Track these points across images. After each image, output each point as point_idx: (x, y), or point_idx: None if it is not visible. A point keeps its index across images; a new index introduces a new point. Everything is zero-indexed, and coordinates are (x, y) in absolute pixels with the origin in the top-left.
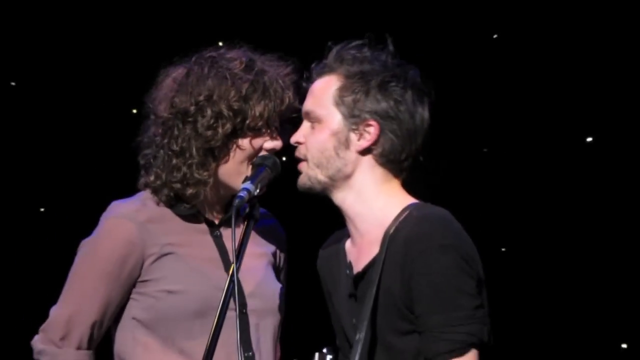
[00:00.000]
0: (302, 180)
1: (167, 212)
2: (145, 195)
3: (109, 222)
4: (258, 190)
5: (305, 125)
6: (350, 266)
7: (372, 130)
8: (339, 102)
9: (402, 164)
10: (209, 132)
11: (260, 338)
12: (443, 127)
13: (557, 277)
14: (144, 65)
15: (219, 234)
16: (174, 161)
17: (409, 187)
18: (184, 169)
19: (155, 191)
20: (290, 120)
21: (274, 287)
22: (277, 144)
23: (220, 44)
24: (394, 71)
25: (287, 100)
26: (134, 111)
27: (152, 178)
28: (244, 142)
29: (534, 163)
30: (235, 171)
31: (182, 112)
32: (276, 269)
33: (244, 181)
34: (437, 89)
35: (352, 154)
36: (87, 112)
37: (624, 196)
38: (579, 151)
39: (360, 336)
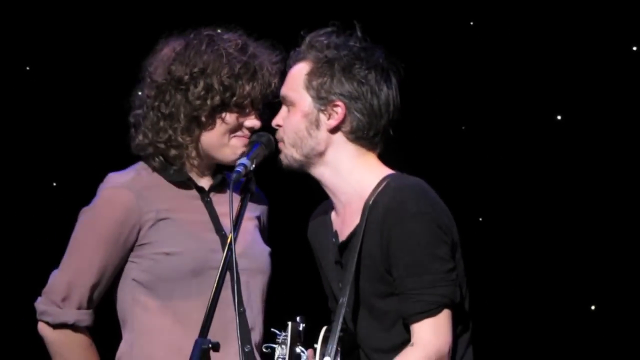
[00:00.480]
0: (282, 158)
1: (161, 180)
2: (139, 166)
3: (107, 191)
4: (253, 165)
5: (283, 109)
6: (335, 235)
7: (339, 110)
8: (308, 85)
9: (373, 139)
10: (198, 102)
11: (250, 295)
12: (424, 107)
13: (530, 244)
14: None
15: (209, 199)
16: (161, 123)
17: (385, 158)
18: (170, 131)
19: (146, 155)
20: (270, 104)
21: (262, 248)
22: (256, 123)
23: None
24: (359, 54)
25: (272, 85)
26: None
27: (140, 137)
28: (228, 117)
29: (508, 139)
30: (217, 142)
31: (177, 80)
32: (262, 232)
33: (240, 156)
34: (421, 72)
35: (323, 133)
36: (95, 92)
37: (591, 167)
38: (549, 128)
39: (344, 300)
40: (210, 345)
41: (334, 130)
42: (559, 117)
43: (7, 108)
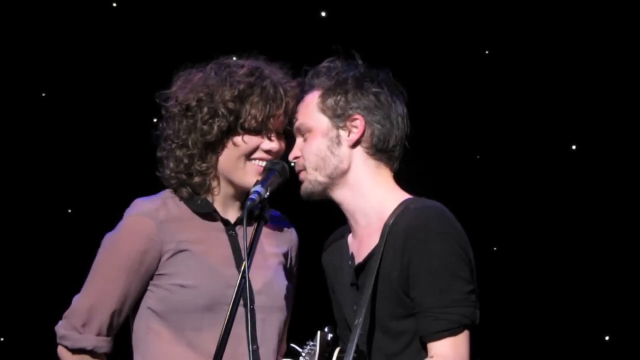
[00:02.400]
0: (304, 187)
1: (186, 211)
2: (166, 194)
3: (130, 218)
4: (268, 193)
5: (299, 141)
6: (352, 257)
7: (358, 124)
8: (323, 107)
9: (392, 152)
10: (205, 127)
11: (266, 333)
12: (440, 136)
13: (544, 274)
14: (165, 76)
15: (234, 233)
16: (177, 152)
17: (404, 184)
18: (186, 159)
19: (172, 185)
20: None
21: (282, 286)
22: (273, 145)
23: (235, 57)
24: (367, 72)
25: (283, 106)
26: (155, 120)
27: (165, 170)
28: (239, 140)
29: (523, 168)
30: (232, 166)
31: (185, 107)
32: (286, 269)
33: (255, 185)
34: (436, 100)
35: (345, 149)
36: (111, 119)
37: (605, 199)
38: (564, 158)
39: (359, 320)
40: None
41: (355, 145)
42: (574, 147)
43: (23, 134)
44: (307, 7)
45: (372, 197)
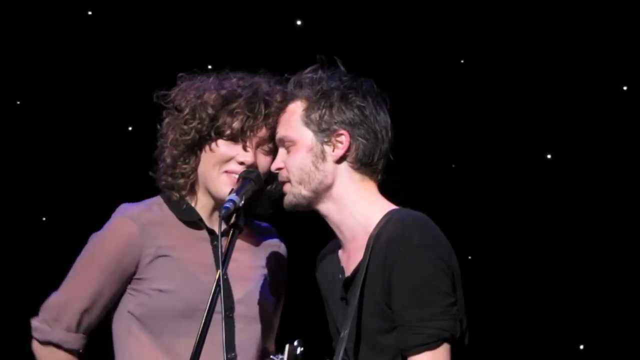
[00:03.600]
0: (288, 199)
1: (171, 217)
2: (154, 200)
3: (115, 220)
4: (243, 202)
5: (282, 151)
6: (342, 271)
7: (343, 139)
8: (307, 121)
9: (376, 165)
10: (185, 127)
11: (245, 342)
12: (414, 145)
13: (519, 283)
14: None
15: (216, 243)
16: (165, 152)
17: (389, 195)
18: (168, 160)
19: (161, 186)
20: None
21: (264, 297)
22: (246, 158)
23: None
24: (351, 84)
25: (262, 120)
26: (130, 128)
27: (157, 170)
28: (214, 145)
29: (498, 177)
30: (209, 174)
31: (175, 107)
32: (271, 282)
33: (230, 193)
34: (411, 110)
35: (329, 165)
36: (87, 128)
37: (581, 206)
38: (539, 167)
39: (344, 334)
40: None
41: (340, 160)
42: (549, 156)
43: None
44: (283, 15)
45: (356, 210)
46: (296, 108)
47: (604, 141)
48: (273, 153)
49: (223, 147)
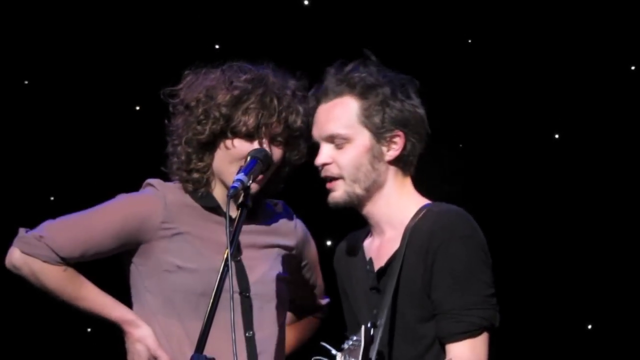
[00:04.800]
0: (339, 196)
1: (192, 202)
2: (177, 185)
3: (144, 193)
4: (251, 181)
5: (328, 147)
6: (370, 262)
7: (398, 140)
8: (365, 121)
9: (414, 161)
10: (199, 127)
11: (263, 320)
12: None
13: (527, 263)
14: (149, 66)
15: (233, 229)
16: (178, 149)
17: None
18: (183, 156)
19: (176, 180)
20: (301, 137)
21: (280, 276)
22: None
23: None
24: (397, 82)
25: (276, 116)
26: (137, 108)
27: (170, 165)
28: (230, 144)
29: (506, 157)
30: (224, 170)
31: (185, 105)
32: (288, 261)
33: (238, 172)
34: (419, 89)
35: (384, 165)
36: (95, 108)
37: (589, 185)
38: (547, 146)
39: (381, 322)
40: None
41: (393, 161)
42: (556, 136)
43: (6, 121)
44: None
45: (398, 206)
46: (349, 105)
47: (612, 121)
48: (285, 145)
49: (239, 145)
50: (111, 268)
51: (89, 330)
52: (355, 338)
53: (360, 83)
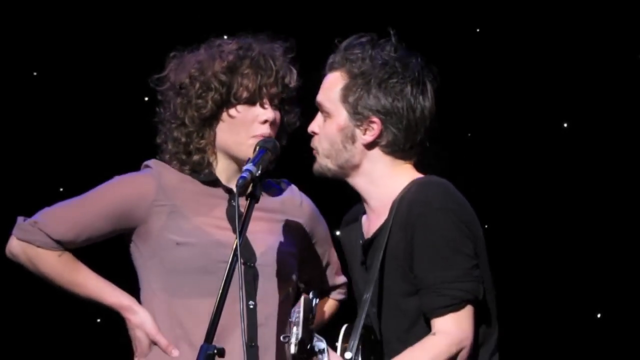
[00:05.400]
0: (315, 167)
1: (191, 179)
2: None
3: (138, 174)
4: (259, 171)
5: (319, 116)
6: (362, 236)
7: (375, 127)
8: (344, 99)
9: (409, 151)
10: (200, 101)
11: (267, 292)
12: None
13: (536, 251)
14: (157, 57)
15: (234, 203)
16: (175, 133)
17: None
18: (184, 139)
19: (173, 167)
20: (292, 100)
21: (284, 248)
22: (268, 115)
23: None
24: (394, 67)
25: (274, 75)
26: (146, 99)
27: (165, 155)
28: (234, 112)
29: (515, 146)
30: (232, 140)
31: (178, 87)
32: (294, 236)
33: (247, 163)
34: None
35: (358, 147)
36: (104, 100)
37: (597, 174)
38: (556, 135)
39: (367, 296)
40: (215, 351)
41: (369, 145)
42: (565, 125)
43: (15, 113)
44: None
45: (384, 183)
46: (337, 81)
47: (620, 110)
48: (282, 106)
49: (242, 110)
50: (119, 253)
51: (98, 320)
52: (297, 309)
53: (356, 62)
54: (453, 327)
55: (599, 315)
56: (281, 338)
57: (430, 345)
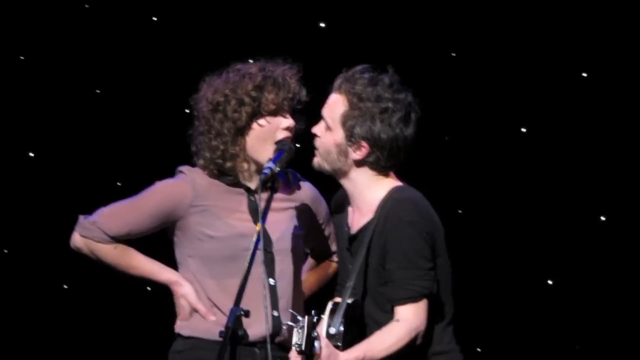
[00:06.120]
0: (314, 162)
1: (217, 182)
2: (203, 170)
3: (177, 180)
4: (278, 168)
5: (322, 124)
6: (348, 225)
7: (364, 149)
8: (343, 122)
9: (390, 169)
10: (236, 115)
11: (283, 270)
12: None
13: (499, 230)
14: (194, 75)
15: (253, 198)
16: (214, 142)
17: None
18: (221, 146)
19: (209, 171)
20: (301, 110)
21: (295, 234)
22: (290, 123)
23: (251, 60)
24: (387, 102)
25: (292, 90)
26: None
27: (200, 161)
28: (263, 121)
29: (483, 147)
30: (259, 146)
31: (215, 105)
32: (302, 220)
33: (267, 162)
34: (415, 95)
35: (349, 161)
36: (150, 111)
37: (550, 169)
38: (516, 138)
39: (350, 284)
40: (242, 312)
41: (358, 162)
42: (523, 130)
43: (79, 121)
44: (306, 17)
45: (367, 191)
46: (340, 104)
47: (568, 119)
48: (296, 115)
49: (270, 120)
50: (162, 243)
51: (148, 289)
52: (302, 320)
53: (357, 93)
54: (412, 316)
55: (550, 282)
56: (282, 325)
57: (394, 331)
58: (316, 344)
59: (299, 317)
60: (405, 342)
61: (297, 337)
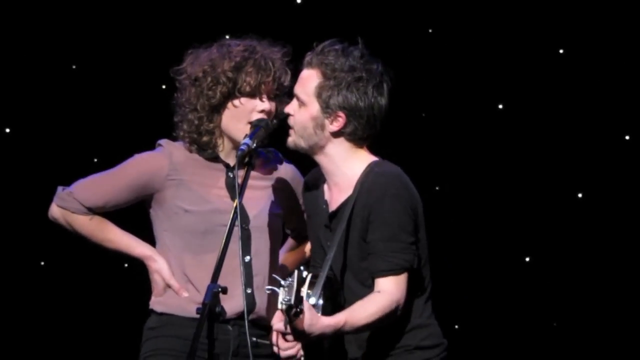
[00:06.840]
0: (290, 142)
1: (196, 156)
2: (183, 144)
3: (154, 153)
4: (255, 144)
5: (295, 102)
6: (326, 203)
7: (340, 119)
8: (318, 95)
9: (366, 140)
10: (210, 92)
11: (259, 247)
12: (392, 100)
13: (475, 206)
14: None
15: (232, 175)
16: (189, 116)
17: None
18: (196, 121)
19: (186, 143)
20: (288, 94)
21: (272, 212)
22: (265, 106)
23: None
24: (361, 72)
25: (272, 75)
26: (163, 87)
27: (180, 132)
28: (238, 102)
29: (460, 124)
30: (234, 126)
31: (193, 78)
32: (281, 199)
33: (244, 138)
34: (394, 72)
35: (326, 133)
36: (129, 86)
37: (526, 145)
38: (492, 115)
39: (330, 256)
40: (219, 289)
41: (335, 133)
42: (500, 106)
43: (57, 99)
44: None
45: (343, 165)
46: (313, 77)
47: (542, 96)
48: (276, 99)
49: (245, 102)
50: (138, 216)
51: (125, 265)
52: (290, 279)
53: (329, 64)
54: (393, 288)
55: (527, 259)
56: (265, 290)
57: (376, 301)
58: (304, 302)
59: (283, 281)
60: (386, 313)
61: (284, 295)
